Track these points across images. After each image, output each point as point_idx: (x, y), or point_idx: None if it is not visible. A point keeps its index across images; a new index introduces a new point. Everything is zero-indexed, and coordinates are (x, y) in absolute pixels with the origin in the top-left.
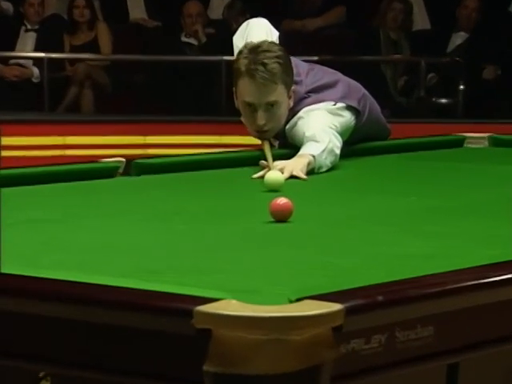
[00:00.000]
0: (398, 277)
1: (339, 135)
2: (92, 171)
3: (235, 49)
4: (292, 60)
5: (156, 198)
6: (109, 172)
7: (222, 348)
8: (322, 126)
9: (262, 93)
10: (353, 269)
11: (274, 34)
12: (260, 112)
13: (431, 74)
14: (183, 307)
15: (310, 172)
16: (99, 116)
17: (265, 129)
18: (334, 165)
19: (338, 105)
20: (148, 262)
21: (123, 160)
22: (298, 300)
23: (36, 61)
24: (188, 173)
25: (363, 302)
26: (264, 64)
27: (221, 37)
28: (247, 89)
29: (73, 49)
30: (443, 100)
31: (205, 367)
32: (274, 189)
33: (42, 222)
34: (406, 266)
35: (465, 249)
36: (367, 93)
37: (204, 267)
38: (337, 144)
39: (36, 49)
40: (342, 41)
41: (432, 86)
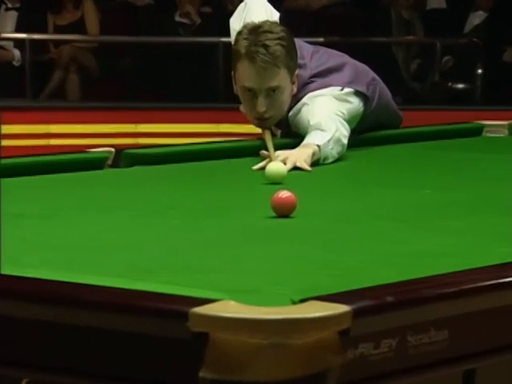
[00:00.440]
0: (410, 276)
1: (347, 123)
2: (78, 162)
3: (232, 32)
4: (295, 42)
5: (148, 192)
6: (97, 163)
7: (220, 353)
8: (328, 114)
9: (263, 77)
10: (361, 267)
11: (275, 15)
12: (261, 98)
13: (447, 57)
14: (178, 309)
15: (315, 163)
16: (86, 102)
17: (266, 116)
18: (341, 155)
19: (346, 90)
20: (140, 261)
21: (112, 150)
22: (302, 301)
23: (17, 42)
24: (183, 164)
25: (372, 303)
26: (265, 46)
27: (218, 16)
28: (247, 73)
29: (57, 29)
30: (460, 85)
31: (201, 374)
32: (276, 181)
33: (26, 218)
34: (419, 265)
35: (482, 246)
36: (377, 77)
37: (200, 266)
38: (344, 133)
39: (17, 29)
40: (350, 20)
41: (447, 70)
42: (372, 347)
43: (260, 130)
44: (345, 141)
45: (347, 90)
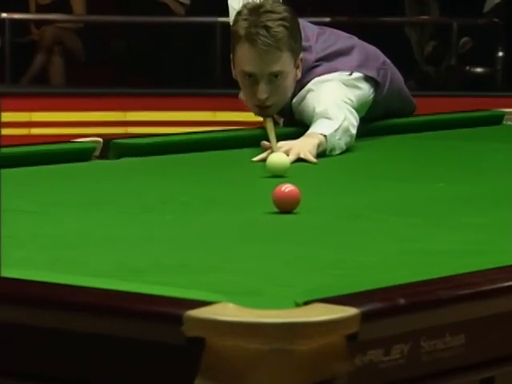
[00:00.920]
0: (424, 276)
1: (355, 111)
2: (63, 153)
3: (231, 12)
4: (299, 22)
5: (139, 185)
6: (83, 154)
7: (217, 359)
8: (336, 101)
9: (265, 61)
10: (370, 267)
11: None
12: (262, 84)
13: (464, 39)
14: (171, 312)
15: (321, 154)
16: (71, 88)
17: (267, 104)
18: (349, 146)
19: (354, 75)
20: (129, 259)
21: (100, 140)
22: (306, 303)
23: None
24: (177, 155)
25: (382, 306)
26: (267, 27)
27: None
28: (247, 57)
29: (39, 9)
30: (478, 69)
31: (196, 382)
32: (278, 174)
33: (5, 213)
34: (433, 264)
35: (502, 244)
36: (388, 61)
37: (196, 265)
38: (352, 122)
39: None
40: None
41: (465, 53)
42: (382, 353)
43: (261, 119)
44: (353, 130)
45: (356, 75)
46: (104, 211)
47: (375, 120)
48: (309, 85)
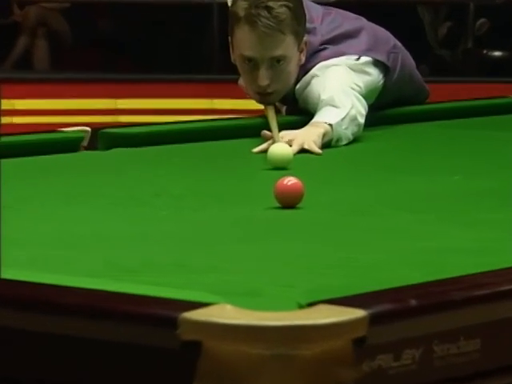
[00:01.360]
0: (436, 276)
1: (364, 98)
2: (48, 144)
3: None
4: (303, 2)
5: (130, 178)
6: (70, 145)
7: (214, 365)
8: (342, 87)
9: (266, 45)
10: (379, 266)
11: None
12: (263, 69)
13: (482, 20)
14: (165, 314)
15: (326, 145)
16: (57, 73)
17: (269, 90)
18: (357, 136)
19: (362, 59)
20: (120, 258)
21: (88, 129)
22: (310, 305)
23: None
24: (171, 146)
25: (392, 308)
26: (268, 8)
27: None
28: (247, 40)
29: None
30: (497, 53)
31: None
32: (280, 166)
33: None
34: (447, 263)
35: None
36: (399, 44)
37: (191, 264)
38: (360, 110)
39: None
40: None
41: (482, 35)
42: (392, 359)
43: (262, 107)
44: (361, 119)
45: (364, 59)
46: (93, 206)
47: (385, 108)
48: (313, 70)
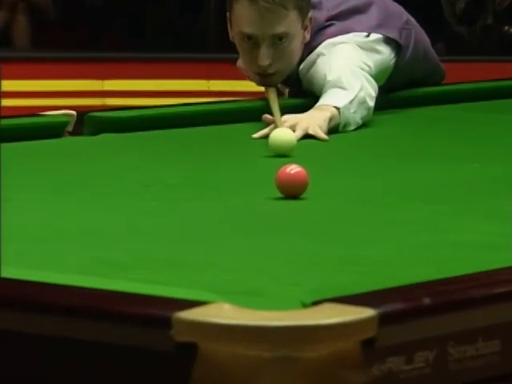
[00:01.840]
0: (452, 273)
1: (374, 79)
2: (30, 129)
3: None
4: None
5: (119, 166)
6: (53, 130)
7: (211, 368)
8: (350, 67)
9: (267, 21)
10: (389, 262)
11: None
12: (263, 48)
13: None
14: (158, 313)
15: (333, 130)
16: (39, 52)
17: (270, 71)
18: (366, 120)
19: (372, 36)
20: (109, 253)
21: (73, 113)
22: (315, 304)
23: None
24: (163, 131)
25: (404, 307)
26: None
27: None
28: (246, 15)
29: None
30: None
31: None
32: (283, 153)
33: None
34: (463, 258)
35: None
36: (412, 19)
37: (186, 260)
38: (370, 92)
39: None
40: None
41: (503, 10)
42: (403, 361)
43: (263, 89)
44: (371, 102)
45: (374, 37)
46: (78, 197)
47: (397, 89)
48: (319, 48)
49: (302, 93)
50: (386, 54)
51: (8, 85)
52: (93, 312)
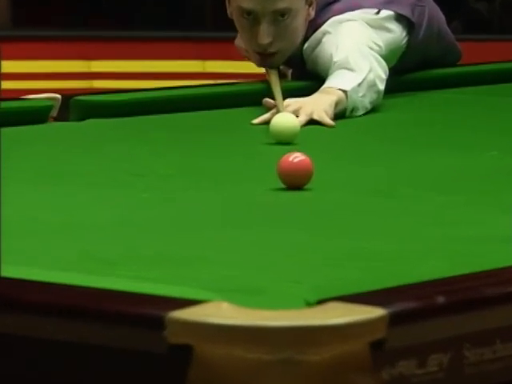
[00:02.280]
0: (469, 269)
1: (384, 60)
2: (11, 114)
3: None
4: None
5: (108, 154)
6: (36, 115)
7: (208, 372)
8: (359, 46)
9: None
10: (400, 257)
11: None
12: (264, 24)
13: None
14: (150, 313)
15: (340, 115)
16: (19, 30)
17: (271, 50)
18: (376, 105)
19: (382, 13)
20: (97, 248)
21: (58, 97)
22: (320, 302)
23: None
24: (155, 116)
25: (416, 306)
26: None
27: None
28: None
29: None
30: None
31: None
32: (285, 140)
33: None
34: (480, 254)
35: None
36: None
37: (181, 255)
38: (380, 74)
39: None
40: None
41: None
42: (415, 365)
43: (264, 70)
44: (381, 85)
45: (384, 14)
46: (64, 187)
47: (409, 71)
48: (324, 26)
49: (306, 74)
50: (398, 33)
51: None
52: (78, 312)
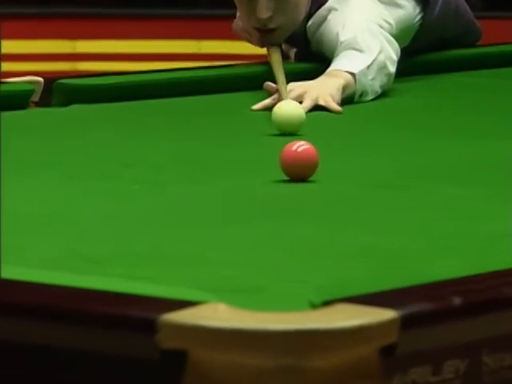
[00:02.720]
0: (486, 268)
1: (395, 40)
2: None
3: None
4: None
5: (94, 142)
6: (16, 100)
7: (204, 380)
8: (368, 25)
9: None
10: (412, 255)
11: None
12: None
13: None
14: (141, 315)
15: (348, 100)
16: None
17: (271, 26)
18: (386, 89)
19: None
20: (84, 245)
21: (40, 80)
22: (326, 304)
23: None
24: (146, 101)
25: (430, 308)
26: None
27: None
28: None
29: None
30: None
31: None
32: (289, 130)
33: None
34: (500, 251)
35: None
36: None
37: (174, 253)
38: (391, 55)
39: None
40: None
41: None
42: (430, 372)
43: (264, 51)
44: (392, 68)
45: None
46: (47, 179)
47: (423, 52)
48: (330, 2)
49: (311, 55)
50: (410, 10)
51: None
52: (63, 314)
